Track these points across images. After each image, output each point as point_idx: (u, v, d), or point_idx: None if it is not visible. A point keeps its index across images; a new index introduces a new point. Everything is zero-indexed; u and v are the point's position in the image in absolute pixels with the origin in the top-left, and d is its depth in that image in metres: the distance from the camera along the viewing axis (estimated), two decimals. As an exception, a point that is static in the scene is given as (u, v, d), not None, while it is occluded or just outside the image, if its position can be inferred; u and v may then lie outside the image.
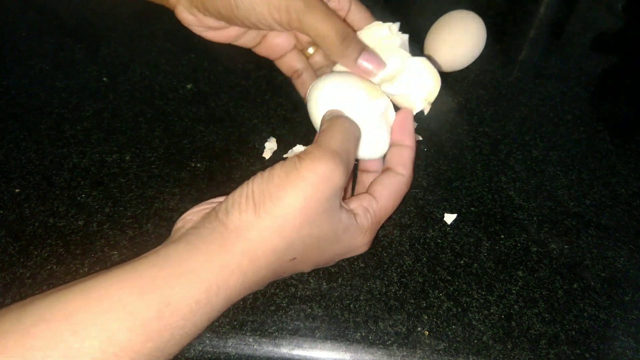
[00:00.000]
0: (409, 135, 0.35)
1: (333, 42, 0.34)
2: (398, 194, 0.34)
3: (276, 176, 0.28)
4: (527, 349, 0.34)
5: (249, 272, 0.28)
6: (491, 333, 0.35)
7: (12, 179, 0.43)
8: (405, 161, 0.35)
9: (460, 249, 0.40)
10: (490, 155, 0.47)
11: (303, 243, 0.29)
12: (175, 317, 0.25)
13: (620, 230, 0.42)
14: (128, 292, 0.25)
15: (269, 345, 0.34)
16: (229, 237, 0.27)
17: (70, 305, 0.24)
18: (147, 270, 0.26)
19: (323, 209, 0.28)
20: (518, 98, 0.53)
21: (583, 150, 0.48)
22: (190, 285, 0.26)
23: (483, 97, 0.52)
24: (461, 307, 0.36)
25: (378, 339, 0.34)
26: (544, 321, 0.36)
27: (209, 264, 0.27)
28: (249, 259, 0.27)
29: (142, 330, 0.24)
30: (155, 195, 0.42)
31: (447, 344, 0.34)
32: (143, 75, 0.53)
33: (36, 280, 0.36)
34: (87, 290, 0.25)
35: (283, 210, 0.27)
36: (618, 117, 0.51)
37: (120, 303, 0.24)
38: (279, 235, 0.28)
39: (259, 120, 0.49)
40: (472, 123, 0.50)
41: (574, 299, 0.37)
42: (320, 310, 0.36)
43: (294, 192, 0.27)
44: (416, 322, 0.35)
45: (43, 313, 0.24)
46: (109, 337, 0.23)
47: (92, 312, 0.24)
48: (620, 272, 0.39)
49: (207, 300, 0.26)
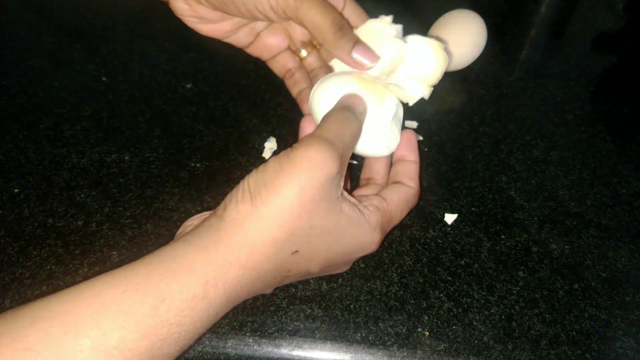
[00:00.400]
0: (413, 152, 0.37)
1: (328, 31, 0.34)
2: (407, 203, 0.35)
3: (270, 167, 0.28)
4: (528, 349, 0.34)
5: (248, 265, 0.27)
6: (492, 333, 0.35)
7: (11, 179, 0.42)
8: (412, 174, 0.36)
9: (460, 249, 0.39)
10: (491, 155, 0.47)
11: (305, 234, 0.28)
12: (171, 313, 0.25)
13: (621, 230, 0.42)
14: (122, 290, 0.25)
15: (269, 346, 0.34)
16: (226, 230, 0.27)
17: (64, 305, 0.24)
18: (142, 269, 0.26)
19: (320, 196, 0.28)
20: (519, 98, 0.53)
21: (584, 150, 0.48)
22: (186, 280, 0.25)
23: (484, 97, 0.52)
24: (462, 308, 0.36)
25: (378, 339, 0.34)
26: (544, 321, 0.35)
27: (205, 257, 0.26)
28: (247, 250, 0.27)
29: (135, 327, 0.24)
30: (155, 195, 0.42)
31: (447, 344, 0.34)
32: (142, 74, 0.53)
33: (35, 280, 0.36)
34: (81, 291, 0.25)
35: (279, 198, 0.27)
36: (619, 116, 0.51)
37: (113, 301, 0.24)
38: (277, 224, 0.27)
39: (259, 120, 0.49)
40: (473, 123, 0.49)
41: (575, 299, 0.37)
42: (320, 311, 0.35)
43: (289, 179, 0.27)
44: (417, 322, 0.35)
45: (36, 314, 0.24)
46: (101, 335, 0.23)
47: (85, 311, 0.24)
48: (621, 273, 0.39)
49: (204, 294, 0.26)
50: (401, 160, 0.37)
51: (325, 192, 0.28)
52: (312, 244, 0.30)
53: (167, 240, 0.38)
